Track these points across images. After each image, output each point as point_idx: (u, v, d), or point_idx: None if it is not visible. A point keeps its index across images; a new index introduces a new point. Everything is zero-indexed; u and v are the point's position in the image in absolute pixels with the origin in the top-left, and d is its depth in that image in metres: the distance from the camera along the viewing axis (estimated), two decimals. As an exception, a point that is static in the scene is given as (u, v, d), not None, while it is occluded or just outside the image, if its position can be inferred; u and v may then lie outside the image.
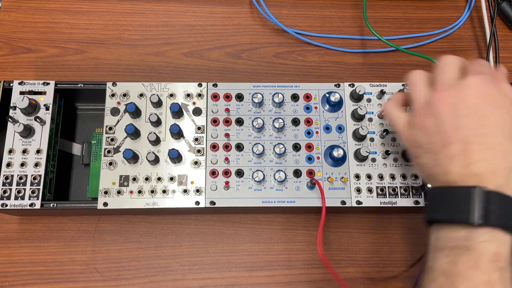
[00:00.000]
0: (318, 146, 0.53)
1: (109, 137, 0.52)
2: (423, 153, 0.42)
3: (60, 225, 0.55)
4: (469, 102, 0.39)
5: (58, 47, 0.63)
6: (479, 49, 0.65)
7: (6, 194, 0.49)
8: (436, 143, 0.40)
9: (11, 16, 0.65)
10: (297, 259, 0.55)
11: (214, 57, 0.64)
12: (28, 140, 0.51)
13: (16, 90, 0.53)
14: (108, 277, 0.54)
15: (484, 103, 0.39)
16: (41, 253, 0.54)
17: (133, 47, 0.64)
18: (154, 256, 0.55)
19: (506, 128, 0.39)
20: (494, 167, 0.38)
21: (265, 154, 0.52)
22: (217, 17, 0.66)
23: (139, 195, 0.50)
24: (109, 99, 0.53)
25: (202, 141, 0.52)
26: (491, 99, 0.40)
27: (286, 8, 0.67)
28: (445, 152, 0.39)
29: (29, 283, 0.53)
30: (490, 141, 0.38)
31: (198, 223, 0.56)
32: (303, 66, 0.64)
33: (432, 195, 0.41)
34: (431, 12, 0.68)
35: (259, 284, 0.54)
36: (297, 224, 0.56)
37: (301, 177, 0.51)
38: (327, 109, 0.54)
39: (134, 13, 0.66)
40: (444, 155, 0.40)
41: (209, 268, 0.54)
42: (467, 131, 0.39)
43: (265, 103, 0.54)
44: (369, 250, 0.55)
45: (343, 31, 0.66)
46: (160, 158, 0.51)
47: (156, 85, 0.54)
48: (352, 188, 0.51)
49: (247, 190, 0.51)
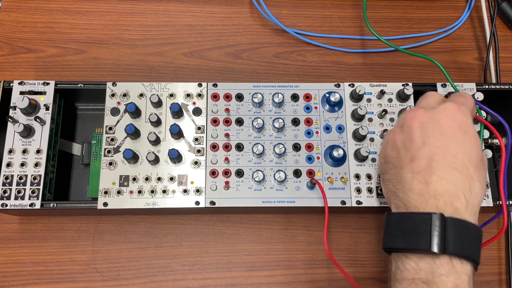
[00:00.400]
0: (318, 146, 0.53)
1: (109, 137, 0.52)
2: (390, 168, 0.43)
3: (60, 225, 0.55)
4: (440, 123, 0.40)
5: (58, 47, 0.63)
6: (479, 49, 0.65)
7: (6, 194, 0.49)
8: (403, 158, 0.41)
9: (11, 16, 0.65)
10: (297, 259, 0.55)
11: (214, 57, 0.64)
12: (28, 140, 0.51)
13: (16, 90, 0.53)
14: (108, 277, 0.54)
15: (454, 127, 0.40)
16: (41, 253, 0.54)
17: (133, 47, 0.64)
18: (154, 256, 0.55)
19: (473, 155, 0.39)
20: (456, 188, 0.38)
21: (265, 154, 0.52)
22: (217, 17, 0.66)
23: (139, 195, 0.50)
24: (109, 99, 0.53)
25: (202, 141, 0.52)
26: (461, 125, 0.40)
27: (286, 8, 0.67)
28: (410, 167, 0.40)
29: (29, 283, 0.53)
30: (456, 162, 0.39)
31: (198, 223, 0.56)
32: (303, 66, 0.64)
33: (389, 221, 0.40)
34: (431, 12, 0.67)
35: (259, 284, 0.54)
36: (297, 224, 0.56)
37: (301, 177, 0.51)
38: (327, 109, 0.54)
39: (134, 13, 0.66)
40: (409, 170, 0.40)
41: (209, 268, 0.54)
42: (433, 149, 0.39)
43: (265, 103, 0.54)
44: (369, 250, 0.55)
45: (343, 31, 0.66)
46: (160, 158, 0.51)
47: (156, 85, 0.54)
48: (352, 188, 0.51)
49: (247, 190, 0.51)
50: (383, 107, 0.54)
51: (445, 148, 0.39)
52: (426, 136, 0.40)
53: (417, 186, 0.39)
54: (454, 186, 0.38)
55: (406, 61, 0.64)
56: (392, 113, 0.54)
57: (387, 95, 0.54)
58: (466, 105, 0.42)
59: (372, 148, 0.52)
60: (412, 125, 0.41)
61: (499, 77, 0.61)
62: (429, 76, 0.63)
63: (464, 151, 0.39)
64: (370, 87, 0.55)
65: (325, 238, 0.47)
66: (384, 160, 0.44)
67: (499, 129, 0.57)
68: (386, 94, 0.54)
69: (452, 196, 0.37)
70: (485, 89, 0.54)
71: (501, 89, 0.55)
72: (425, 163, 0.39)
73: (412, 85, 0.53)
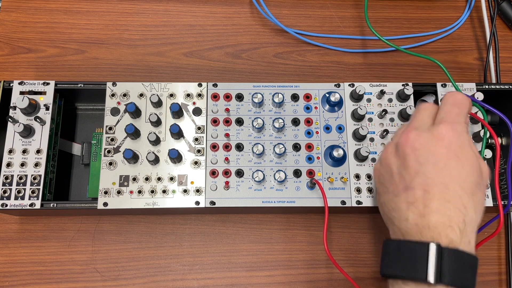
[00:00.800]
0: (318, 146, 0.53)
1: (109, 137, 0.52)
2: (385, 191, 0.43)
3: (60, 225, 0.55)
4: (433, 150, 0.40)
5: (58, 47, 0.63)
6: (479, 49, 0.65)
7: (6, 194, 0.49)
8: (398, 185, 0.41)
9: (11, 16, 0.65)
10: (297, 259, 0.55)
11: (214, 57, 0.64)
12: (28, 140, 0.51)
13: (16, 90, 0.53)
14: (108, 277, 0.54)
15: (448, 154, 0.40)
16: (41, 253, 0.54)
17: (133, 47, 0.64)
18: (154, 256, 0.55)
19: (467, 182, 0.39)
20: (449, 220, 0.38)
21: (265, 154, 0.52)
22: (217, 17, 0.66)
23: (139, 195, 0.50)
24: (109, 99, 0.53)
25: (202, 141, 0.52)
26: (455, 150, 0.40)
27: (286, 8, 0.67)
28: (405, 196, 0.40)
29: (29, 283, 0.53)
30: (449, 193, 0.39)
31: (198, 223, 0.56)
32: (303, 66, 0.64)
33: (387, 248, 0.41)
34: (431, 12, 0.67)
35: (259, 284, 0.54)
36: (297, 224, 0.56)
37: (301, 177, 0.51)
38: (327, 109, 0.54)
39: (134, 13, 0.66)
40: (403, 199, 0.40)
41: (209, 268, 0.54)
42: (427, 179, 0.39)
43: (265, 103, 0.54)
44: (369, 250, 0.55)
45: (343, 31, 0.66)
46: (160, 158, 0.51)
47: (156, 85, 0.54)
48: (352, 188, 0.51)
49: (247, 190, 0.51)
50: (383, 107, 0.54)
51: (438, 179, 0.39)
52: (419, 165, 0.40)
53: (412, 217, 0.39)
54: (447, 218, 0.38)
55: (406, 61, 0.64)
56: (392, 113, 0.54)
57: (387, 95, 0.54)
58: (461, 115, 0.42)
59: (372, 148, 0.52)
60: (406, 151, 0.41)
61: (499, 77, 0.61)
62: (429, 76, 0.63)
63: (457, 180, 0.39)
64: (370, 87, 0.55)
65: (324, 239, 0.47)
66: (378, 179, 0.45)
67: (500, 129, 0.57)
68: (386, 94, 0.54)
69: (446, 227, 0.38)
70: (485, 89, 0.54)
71: (501, 89, 0.55)
72: (419, 194, 0.39)
73: (412, 85, 0.53)
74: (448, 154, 0.40)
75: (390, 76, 0.63)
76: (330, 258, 0.47)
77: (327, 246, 0.47)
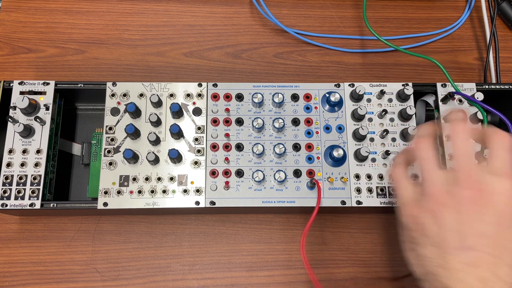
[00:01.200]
0: (318, 146, 0.53)
1: (109, 137, 0.52)
2: (427, 243, 0.38)
3: (60, 225, 0.55)
4: (496, 208, 0.37)
5: (58, 47, 0.63)
6: (479, 49, 0.65)
7: (6, 194, 0.49)
8: (450, 241, 0.37)
9: (11, 16, 0.65)
10: (297, 259, 0.55)
11: (214, 57, 0.64)
12: (28, 140, 0.51)
13: (16, 90, 0.53)
14: (108, 277, 0.54)
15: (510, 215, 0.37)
16: (41, 253, 0.54)
17: (133, 47, 0.64)
18: (154, 256, 0.55)
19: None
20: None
21: (265, 154, 0.52)
22: (217, 17, 0.66)
23: (139, 195, 0.50)
24: (109, 99, 0.53)
25: (202, 141, 0.52)
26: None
27: (286, 8, 0.67)
28: (460, 256, 0.36)
29: (29, 283, 0.53)
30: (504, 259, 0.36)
31: (198, 223, 0.56)
32: (303, 66, 0.64)
33: None
34: (431, 12, 0.68)
35: (259, 284, 0.54)
36: (297, 224, 0.56)
37: (301, 177, 0.51)
38: (327, 109, 0.54)
39: (134, 13, 0.66)
40: (458, 259, 0.36)
41: (209, 268, 0.54)
42: (491, 240, 0.36)
43: (265, 103, 0.54)
44: (369, 250, 0.55)
45: (343, 31, 0.66)
46: (160, 158, 0.51)
47: (156, 85, 0.54)
48: (352, 188, 0.51)
49: (247, 190, 0.51)
50: (383, 107, 0.54)
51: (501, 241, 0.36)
52: (482, 223, 0.36)
53: (467, 279, 0.35)
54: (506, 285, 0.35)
55: (406, 61, 0.64)
56: (392, 113, 0.54)
57: (387, 95, 0.54)
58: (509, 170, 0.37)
59: (372, 148, 0.52)
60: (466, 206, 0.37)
61: (499, 77, 0.61)
62: (429, 76, 0.63)
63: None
64: (370, 87, 0.55)
65: (303, 237, 0.45)
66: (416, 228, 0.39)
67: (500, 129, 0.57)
68: (386, 94, 0.54)
69: None
70: (485, 89, 0.54)
71: (501, 89, 0.55)
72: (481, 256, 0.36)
73: (412, 85, 0.53)
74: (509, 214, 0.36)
75: (390, 76, 0.63)
76: (302, 256, 0.45)
77: (304, 242, 0.45)
